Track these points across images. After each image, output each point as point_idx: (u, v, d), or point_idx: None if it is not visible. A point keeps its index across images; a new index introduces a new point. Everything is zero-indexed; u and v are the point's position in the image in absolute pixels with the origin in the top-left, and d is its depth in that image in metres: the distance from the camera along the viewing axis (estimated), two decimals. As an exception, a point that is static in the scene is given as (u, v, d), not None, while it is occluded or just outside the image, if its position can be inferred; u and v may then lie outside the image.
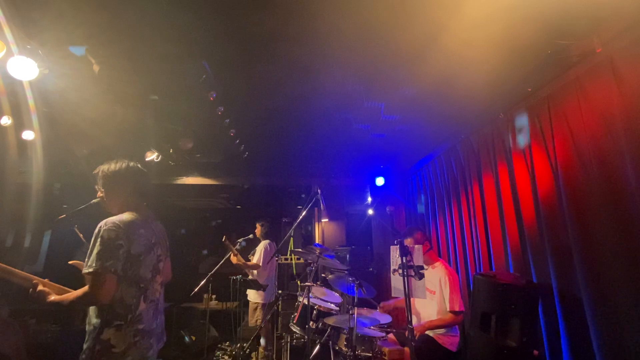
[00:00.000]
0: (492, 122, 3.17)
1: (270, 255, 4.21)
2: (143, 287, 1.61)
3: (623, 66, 1.94)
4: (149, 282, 1.65)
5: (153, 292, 1.67)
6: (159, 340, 1.71)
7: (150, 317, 1.63)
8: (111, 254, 1.49)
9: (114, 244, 1.51)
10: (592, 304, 2.05)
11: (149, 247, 1.67)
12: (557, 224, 2.38)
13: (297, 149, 4.48)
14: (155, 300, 1.69)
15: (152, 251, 1.69)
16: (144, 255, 1.62)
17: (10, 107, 2.80)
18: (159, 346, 1.71)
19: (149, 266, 1.66)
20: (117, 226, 1.55)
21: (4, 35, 1.94)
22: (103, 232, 1.52)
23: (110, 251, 1.49)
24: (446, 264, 3.02)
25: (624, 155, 1.92)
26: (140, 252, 1.60)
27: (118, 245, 1.52)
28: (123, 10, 1.96)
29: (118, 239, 1.52)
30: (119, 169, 1.75)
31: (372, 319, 2.80)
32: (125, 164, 1.77)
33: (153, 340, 1.64)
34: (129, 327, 1.53)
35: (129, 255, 1.55)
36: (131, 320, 1.54)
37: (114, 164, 1.76)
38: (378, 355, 2.61)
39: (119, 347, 1.48)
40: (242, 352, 3.78)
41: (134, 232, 1.60)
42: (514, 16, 1.87)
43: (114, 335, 1.49)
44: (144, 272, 1.62)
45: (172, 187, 5.48)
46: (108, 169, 1.75)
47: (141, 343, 1.55)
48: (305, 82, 2.72)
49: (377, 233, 5.61)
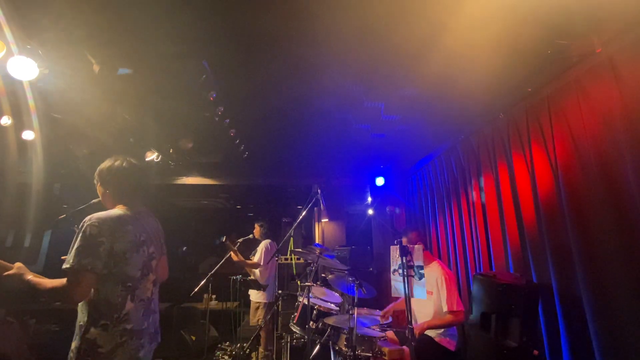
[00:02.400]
0: (492, 122, 3.17)
1: (271, 255, 4.21)
2: (131, 286, 1.56)
3: (623, 66, 1.94)
4: (138, 281, 1.60)
5: (143, 291, 1.63)
6: (152, 340, 1.67)
7: (139, 317, 1.58)
8: (90, 251, 1.44)
9: (95, 240, 1.46)
10: (592, 304, 2.05)
11: (136, 244, 1.61)
12: (557, 224, 2.38)
13: (297, 149, 4.48)
14: (146, 299, 1.64)
15: (140, 249, 1.63)
16: (130, 252, 1.57)
17: (10, 107, 2.80)
18: (153, 346, 1.67)
19: (137, 264, 1.60)
20: (101, 222, 1.50)
21: (4, 35, 1.94)
22: (85, 227, 1.47)
23: (89, 248, 1.44)
24: (442, 263, 3.02)
25: (624, 155, 1.92)
26: (125, 250, 1.54)
27: (99, 243, 1.47)
28: (123, 10, 1.96)
29: (100, 235, 1.48)
30: (110, 165, 1.73)
31: (372, 319, 2.80)
32: (118, 161, 1.75)
33: (144, 340, 1.59)
34: (116, 327, 1.49)
35: (111, 252, 1.50)
36: (117, 320, 1.49)
37: (108, 161, 1.75)
38: (378, 355, 2.61)
39: (105, 347, 1.45)
40: (242, 352, 3.78)
41: (119, 228, 1.55)
42: (514, 16, 1.87)
43: (100, 335, 1.46)
44: (132, 270, 1.57)
45: (172, 187, 5.49)
46: (102, 166, 1.75)
47: (129, 343, 1.51)
48: (305, 82, 2.72)
49: (377, 233, 5.61)
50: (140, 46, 2.28)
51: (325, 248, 2.89)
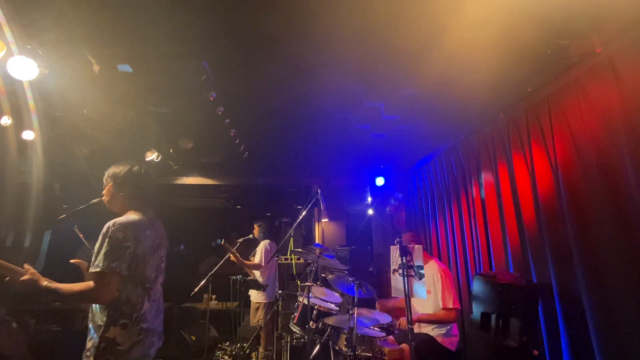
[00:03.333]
0: (492, 122, 3.17)
1: (271, 255, 4.21)
2: (148, 287, 1.66)
3: (623, 66, 1.94)
4: (153, 282, 1.70)
5: (155, 291, 1.72)
6: (160, 338, 1.76)
7: (153, 316, 1.68)
8: (118, 255, 1.53)
9: (122, 245, 1.55)
10: (592, 304, 2.05)
11: (153, 248, 1.71)
12: (557, 224, 2.38)
13: (297, 149, 4.48)
14: (157, 299, 1.73)
15: (156, 252, 1.73)
16: (149, 256, 1.66)
17: (10, 107, 2.80)
18: (159, 344, 1.76)
19: (154, 267, 1.70)
20: (125, 227, 1.59)
21: (4, 35, 1.94)
22: (111, 232, 1.55)
23: (117, 252, 1.53)
24: (439, 262, 3.02)
25: (624, 155, 1.92)
26: (145, 253, 1.64)
27: (125, 247, 1.56)
28: (123, 10, 1.96)
29: (125, 240, 1.56)
30: (129, 170, 1.80)
31: (372, 319, 2.80)
32: (136, 166, 1.82)
33: (155, 338, 1.68)
34: (134, 325, 1.57)
35: (134, 256, 1.59)
36: (136, 319, 1.58)
37: (125, 165, 1.81)
38: (378, 355, 2.61)
39: (124, 345, 1.53)
40: (242, 352, 3.78)
41: (140, 233, 1.64)
42: (514, 16, 1.87)
43: (120, 333, 1.53)
44: (149, 272, 1.66)
45: (172, 187, 5.48)
46: (118, 169, 1.80)
47: (144, 341, 1.60)
48: (305, 82, 2.71)
49: (377, 233, 5.61)
50: (140, 46, 2.28)
51: (325, 248, 2.89)
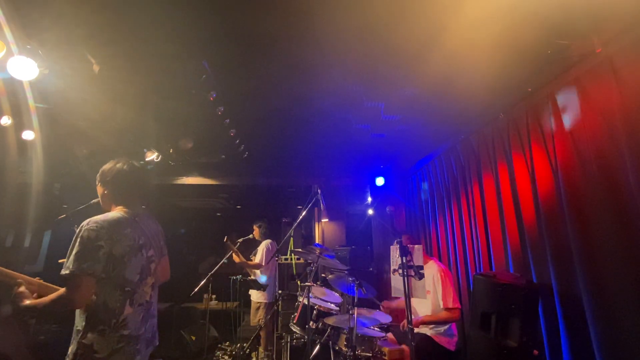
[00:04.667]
0: (492, 122, 3.17)
1: (271, 254, 4.21)
2: (129, 291, 1.54)
3: (623, 66, 1.94)
4: (137, 285, 1.57)
5: (142, 295, 1.60)
6: (149, 344, 1.65)
7: (138, 322, 1.56)
8: (90, 255, 1.42)
9: (94, 244, 1.44)
10: (592, 304, 2.05)
11: (135, 248, 1.59)
12: (557, 224, 2.38)
13: (297, 149, 4.48)
14: (144, 303, 1.62)
15: (139, 252, 1.61)
16: (129, 256, 1.54)
17: (10, 107, 2.80)
18: (149, 350, 1.66)
19: (136, 268, 1.58)
20: (99, 226, 1.48)
21: (4, 35, 1.94)
22: (83, 231, 1.45)
23: (88, 252, 1.42)
24: (438, 262, 3.02)
25: (624, 155, 1.92)
26: (123, 253, 1.52)
27: (98, 247, 1.45)
28: (123, 10, 1.96)
29: (98, 239, 1.45)
30: (112, 167, 1.73)
31: (372, 319, 2.80)
32: (119, 163, 1.74)
33: (140, 346, 1.57)
34: (113, 332, 1.46)
35: (110, 256, 1.47)
36: (115, 326, 1.47)
37: (110, 163, 1.75)
38: (378, 355, 2.61)
39: (101, 353, 1.43)
40: (242, 352, 3.78)
41: (117, 231, 1.53)
42: (514, 16, 1.87)
43: (97, 340, 1.43)
44: (130, 274, 1.54)
45: (172, 187, 5.49)
46: (104, 167, 1.75)
47: (126, 349, 1.49)
48: (305, 82, 2.71)
49: (377, 233, 5.61)
50: (140, 46, 2.28)
51: (325, 248, 2.89)
